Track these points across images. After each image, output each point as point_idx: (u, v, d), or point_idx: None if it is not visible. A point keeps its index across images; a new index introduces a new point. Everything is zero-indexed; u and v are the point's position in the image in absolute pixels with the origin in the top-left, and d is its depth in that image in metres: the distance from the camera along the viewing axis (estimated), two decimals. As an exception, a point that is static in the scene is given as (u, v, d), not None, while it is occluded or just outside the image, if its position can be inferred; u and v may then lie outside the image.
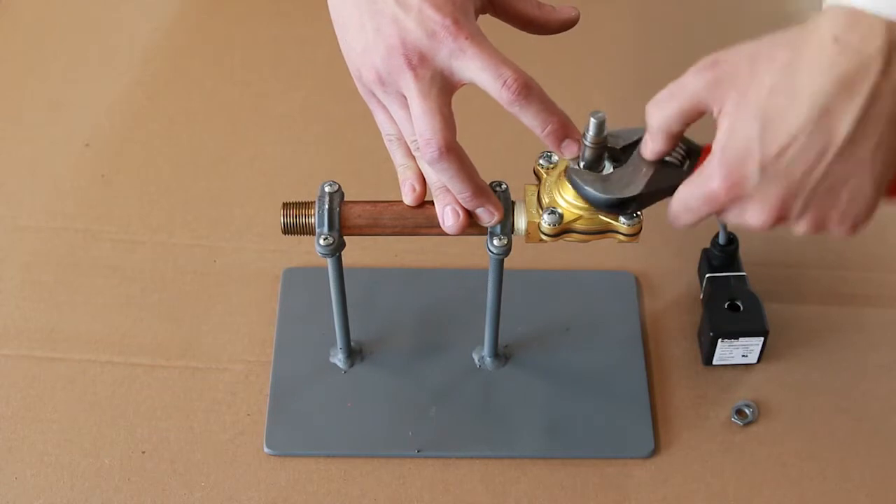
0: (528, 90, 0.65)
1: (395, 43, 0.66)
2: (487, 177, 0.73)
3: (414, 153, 0.71)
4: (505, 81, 0.65)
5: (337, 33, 0.70)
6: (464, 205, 0.70)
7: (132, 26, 1.11)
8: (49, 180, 0.97)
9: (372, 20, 0.66)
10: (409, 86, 0.66)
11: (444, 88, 0.66)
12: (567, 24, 0.72)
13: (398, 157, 0.73)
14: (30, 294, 0.89)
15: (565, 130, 0.67)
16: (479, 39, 0.66)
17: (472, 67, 0.65)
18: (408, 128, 0.69)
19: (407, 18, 0.65)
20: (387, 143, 0.73)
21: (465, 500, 0.79)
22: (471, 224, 0.71)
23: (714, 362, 0.85)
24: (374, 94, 0.70)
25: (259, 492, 0.78)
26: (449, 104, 0.67)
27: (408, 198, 0.72)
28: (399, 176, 0.72)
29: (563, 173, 0.71)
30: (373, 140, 0.77)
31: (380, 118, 0.72)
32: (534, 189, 0.73)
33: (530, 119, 0.66)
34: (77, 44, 1.10)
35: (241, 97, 1.05)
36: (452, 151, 0.66)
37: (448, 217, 0.70)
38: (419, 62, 0.66)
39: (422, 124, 0.66)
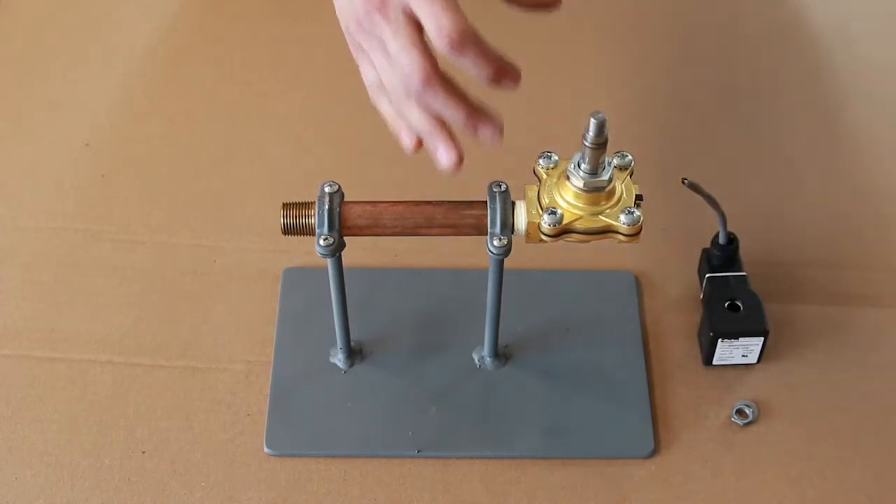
0: (463, 42, 0.65)
1: None
2: (487, 177, 0.73)
3: (405, 98, 0.70)
4: (442, 30, 0.65)
5: None
6: (464, 129, 0.70)
7: (132, 26, 1.11)
8: (49, 180, 0.97)
9: None
10: (382, 27, 0.68)
11: (413, 24, 0.67)
12: (543, 4, 0.72)
13: (384, 106, 0.73)
14: (30, 294, 0.89)
15: (501, 73, 0.67)
16: None
17: (421, 12, 0.66)
18: (388, 72, 0.69)
19: None
20: (372, 96, 0.73)
21: (465, 500, 0.79)
22: (463, 160, 0.71)
23: (714, 362, 0.85)
24: (360, 47, 0.71)
25: (259, 492, 0.78)
26: (422, 38, 0.68)
27: (407, 142, 0.73)
28: (390, 127, 0.73)
29: (563, 173, 0.71)
30: (373, 140, 0.77)
31: (364, 69, 0.73)
32: (534, 189, 0.73)
33: (468, 68, 0.67)
34: (77, 44, 1.10)
35: (241, 97, 1.05)
36: (435, 78, 0.67)
37: (442, 155, 0.70)
38: (381, 3, 0.67)
39: (400, 61, 0.67)
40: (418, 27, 0.67)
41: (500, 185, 0.73)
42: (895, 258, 0.93)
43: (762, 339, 0.83)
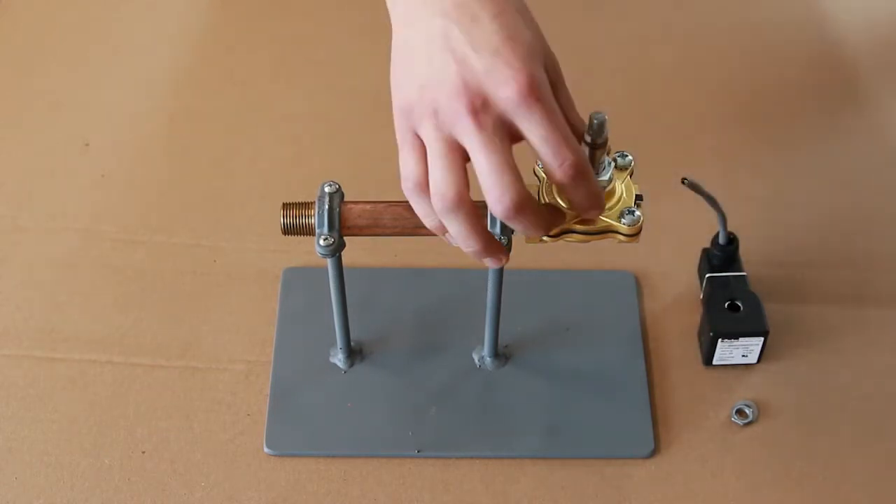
0: (580, 175, 0.63)
1: (459, 84, 0.61)
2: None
3: (452, 210, 0.64)
4: (563, 163, 0.62)
5: (394, 62, 0.66)
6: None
7: (132, 26, 1.11)
8: (49, 180, 0.97)
9: (442, 56, 0.62)
10: (469, 133, 0.62)
11: (509, 138, 0.63)
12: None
13: (422, 207, 0.67)
14: (30, 294, 0.89)
15: (598, 212, 0.67)
16: (547, 104, 0.62)
17: (535, 134, 0.62)
18: (443, 180, 0.63)
19: (478, 60, 0.61)
20: (407, 189, 0.66)
21: (465, 500, 0.79)
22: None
23: (714, 362, 0.85)
24: (413, 134, 0.64)
25: (259, 492, 0.78)
26: (512, 156, 0.63)
27: (493, 264, 0.70)
28: (456, 241, 0.67)
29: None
30: (373, 140, 0.77)
31: (407, 159, 0.65)
32: (533, 189, 0.73)
33: (575, 197, 0.65)
34: (77, 44, 1.10)
35: (241, 97, 1.05)
36: (529, 205, 0.63)
37: (493, 263, 0.70)
38: (482, 108, 0.61)
39: (490, 180, 0.61)
40: (512, 141, 0.63)
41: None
42: (895, 258, 0.93)
43: (762, 339, 0.83)
